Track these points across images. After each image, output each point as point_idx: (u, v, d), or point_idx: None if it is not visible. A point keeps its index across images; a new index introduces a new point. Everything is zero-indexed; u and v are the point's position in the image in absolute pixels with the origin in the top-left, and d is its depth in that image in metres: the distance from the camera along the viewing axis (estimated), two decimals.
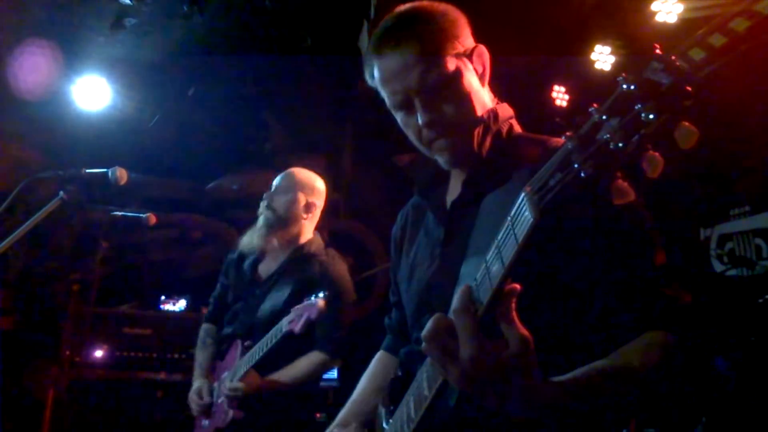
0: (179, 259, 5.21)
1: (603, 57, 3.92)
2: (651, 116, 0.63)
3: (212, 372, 2.52)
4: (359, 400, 1.43)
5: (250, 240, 2.55)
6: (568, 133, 0.69)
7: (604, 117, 0.66)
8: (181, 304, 4.54)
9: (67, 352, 3.64)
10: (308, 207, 2.55)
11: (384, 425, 1.14)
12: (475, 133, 1.16)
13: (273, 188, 2.56)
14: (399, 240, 1.42)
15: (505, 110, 1.22)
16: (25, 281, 4.34)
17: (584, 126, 0.68)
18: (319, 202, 2.62)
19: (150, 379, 3.94)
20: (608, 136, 0.65)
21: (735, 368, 2.86)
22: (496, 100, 1.23)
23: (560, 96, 4.38)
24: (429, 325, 0.79)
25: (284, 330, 2.19)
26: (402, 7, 1.19)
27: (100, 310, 4.00)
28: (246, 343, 2.40)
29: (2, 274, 4.03)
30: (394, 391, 1.14)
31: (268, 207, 2.52)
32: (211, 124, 4.68)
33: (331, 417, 1.49)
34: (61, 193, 2.13)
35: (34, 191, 2.19)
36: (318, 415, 3.76)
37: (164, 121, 4.40)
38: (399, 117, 1.18)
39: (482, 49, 1.19)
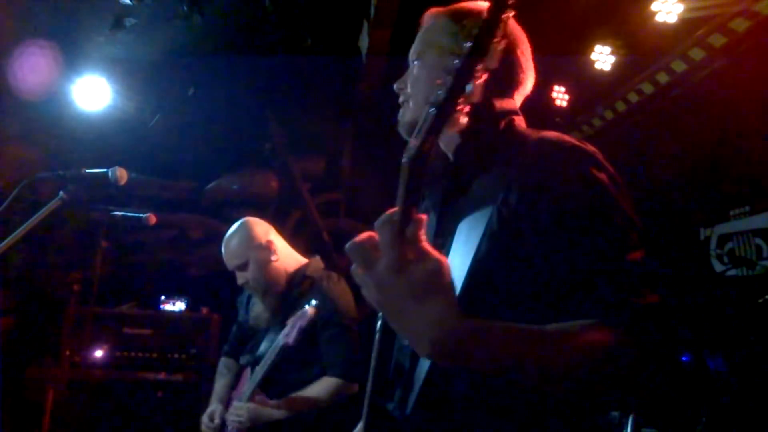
0: (179, 259, 5.21)
1: (603, 57, 3.93)
2: (468, 42, 0.72)
3: (228, 399, 2.54)
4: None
5: (259, 316, 2.50)
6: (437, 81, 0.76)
7: (452, 61, 0.75)
8: (181, 305, 4.54)
9: (67, 352, 3.65)
10: (268, 250, 2.46)
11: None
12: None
13: (232, 267, 2.47)
14: None
15: (506, 105, 1.21)
16: (25, 281, 4.34)
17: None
18: (269, 233, 2.53)
19: (150, 379, 3.94)
20: (445, 74, 0.74)
21: (735, 368, 2.86)
22: (504, 99, 1.22)
23: (560, 96, 4.38)
24: (356, 237, 0.79)
25: (281, 343, 2.17)
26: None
27: (100, 310, 4.00)
28: (255, 369, 2.40)
29: (2, 274, 4.03)
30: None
31: (249, 287, 2.47)
32: (211, 124, 4.69)
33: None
34: (61, 193, 2.12)
35: (34, 191, 2.19)
36: None
37: (164, 121, 4.40)
38: None
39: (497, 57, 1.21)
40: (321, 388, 2.28)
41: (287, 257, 2.54)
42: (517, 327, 0.85)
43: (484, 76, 0.72)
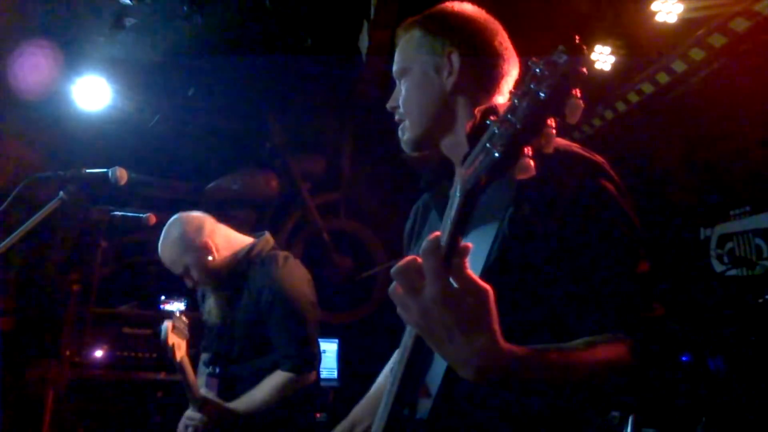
0: None
1: (603, 57, 3.92)
2: (543, 93, 0.65)
3: None
4: (371, 397, 1.46)
5: (210, 311, 2.43)
6: (492, 117, 0.72)
7: (516, 101, 0.68)
8: (181, 305, 4.54)
9: (67, 352, 3.64)
10: (205, 249, 2.34)
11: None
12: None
13: (176, 274, 2.41)
14: (409, 237, 1.44)
15: None
16: (25, 281, 4.34)
17: (506, 108, 0.70)
18: (202, 229, 2.41)
19: (150, 379, 3.94)
20: (510, 116, 0.68)
21: (735, 368, 2.86)
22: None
23: None
24: (401, 262, 0.80)
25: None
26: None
27: (100, 310, 4.00)
28: (208, 371, 2.35)
29: (2, 274, 4.03)
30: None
31: (200, 284, 2.40)
32: (211, 124, 4.68)
33: (331, 417, 1.49)
34: (61, 193, 2.13)
35: (34, 191, 2.19)
36: (318, 414, 3.76)
37: (164, 121, 4.40)
38: None
39: (473, 60, 1.20)
40: (272, 386, 2.19)
41: (228, 245, 2.41)
42: (555, 350, 0.88)
43: (556, 124, 0.69)
